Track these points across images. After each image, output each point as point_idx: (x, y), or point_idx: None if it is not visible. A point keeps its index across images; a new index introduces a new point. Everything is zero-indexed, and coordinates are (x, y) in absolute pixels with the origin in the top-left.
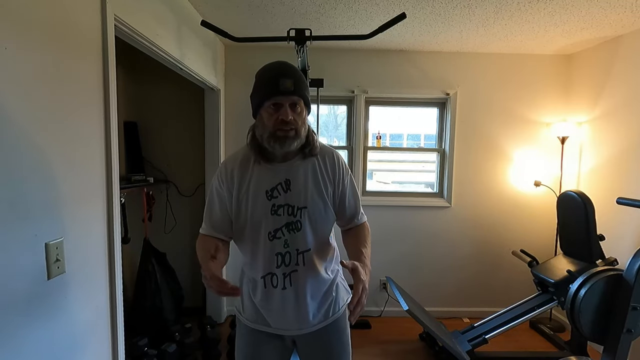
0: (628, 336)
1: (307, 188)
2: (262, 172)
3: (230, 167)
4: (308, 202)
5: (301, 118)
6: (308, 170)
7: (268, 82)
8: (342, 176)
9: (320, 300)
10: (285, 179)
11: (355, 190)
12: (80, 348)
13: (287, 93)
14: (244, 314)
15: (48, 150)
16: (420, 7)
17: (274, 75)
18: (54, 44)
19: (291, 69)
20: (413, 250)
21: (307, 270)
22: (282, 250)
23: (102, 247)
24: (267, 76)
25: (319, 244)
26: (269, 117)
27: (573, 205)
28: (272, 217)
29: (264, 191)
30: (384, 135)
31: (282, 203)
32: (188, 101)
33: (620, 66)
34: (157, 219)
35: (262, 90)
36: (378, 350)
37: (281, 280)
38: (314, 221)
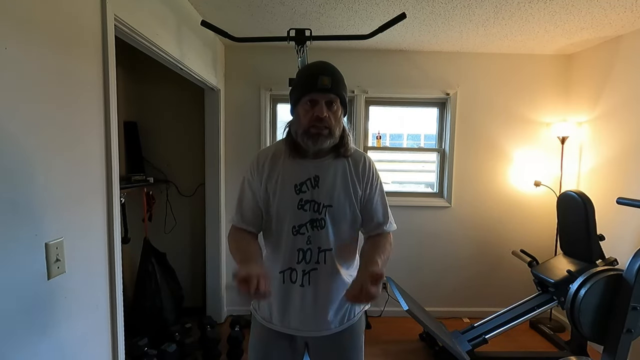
0: (628, 336)
1: (334, 187)
2: (293, 166)
3: (262, 159)
4: (334, 201)
5: (336, 117)
6: (338, 170)
7: (307, 79)
8: (371, 181)
9: (339, 304)
10: (314, 175)
11: (384, 197)
12: (81, 348)
13: (324, 90)
14: (260, 312)
15: (48, 150)
16: (420, 7)
17: (314, 72)
18: (54, 44)
19: (331, 68)
20: (413, 250)
21: (326, 270)
22: (304, 246)
23: (102, 247)
24: (306, 73)
25: (341, 245)
26: (305, 114)
27: (573, 205)
28: (298, 211)
29: (292, 185)
30: (384, 135)
31: (308, 198)
32: (188, 101)
33: (620, 66)
34: (157, 219)
35: (300, 86)
36: (378, 350)
37: (300, 276)
38: (338, 221)
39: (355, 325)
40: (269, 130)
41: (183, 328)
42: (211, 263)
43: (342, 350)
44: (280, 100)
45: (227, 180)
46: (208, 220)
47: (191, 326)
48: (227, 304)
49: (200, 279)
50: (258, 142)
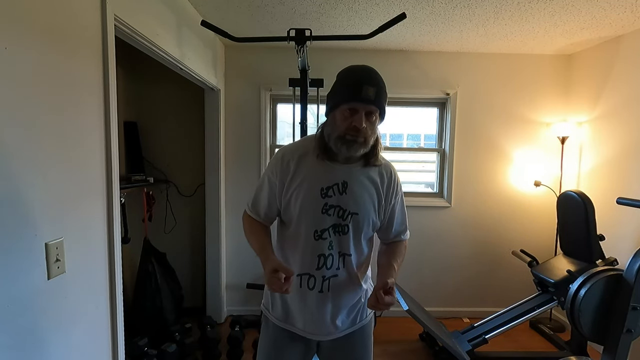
0: (628, 336)
1: (362, 195)
2: (320, 169)
3: (288, 158)
4: (360, 209)
5: (373, 127)
6: (367, 179)
7: (351, 86)
8: (395, 192)
9: (350, 308)
10: (343, 181)
11: (404, 208)
12: (81, 348)
13: (367, 101)
14: (273, 312)
15: (48, 150)
16: (420, 7)
17: (359, 80)
18: (54, 44)
19: (376, 77)
20: (413, 250)
21: (346, 276)
22: (326, 252)
23: (102, 247)
24: (351, 79)
25: (359, 252)
26: (343, 120)
27: (573, 205)
28: (321, 215)
29: (319, 188)
30: (384, 135)
31: (334, 204)
32: (188, 101)
33: (620, 66)
34: (157, 219)
35: (342, 93)
36: (378, 350)
37: (319, 283)
38: (360, 229)
39: (366, 326)
40: (269, 130)
41: (183, 328)
42: (211, 263)
43: (352, 351)
44: (280, 100)
45: (227, 180)
46: (208, 220)
47: (191, 326)
48: (227, 304)
49: (200, 279)
50: (258, 142)
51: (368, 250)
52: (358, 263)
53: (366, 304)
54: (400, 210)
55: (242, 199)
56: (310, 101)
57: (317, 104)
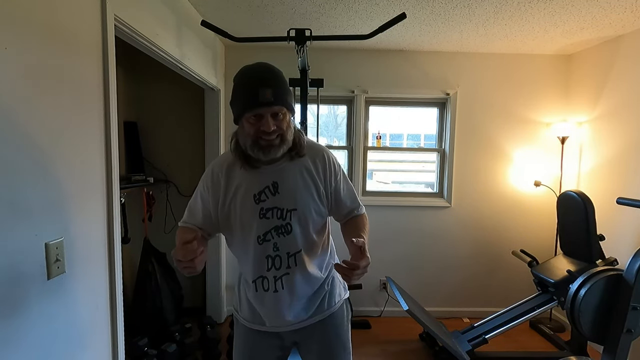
0: (628, 336)
1: (296, 190)
2: (249, 176)
3: (217, 171)
4: (297, 204)
5: (285, 123)
6: (296, 172)
7: (247, 93)
8: (333, 174)
9: (313, 296)
10: (272, 182)
11: (349, 185)
12: (81, 348)
13: (268, 104)
14: (241, 313)
15: (48, 150)
16: (420, 7)
17: (253, 85)
18: (54, 44)
19: (270, 75)
20: (413, 250)
21: (299, 271)
22: (272, 253)
23: (102, 247)
24: (245, 85)
25: (310, 243)
26: (250, 127)
27: (573, 205)
28: (260, 220)
29: (251, 195)
30: (384, 135)
31: (270, 206)
32: (188, 101)
33: (620, 66)
34: (157, 219)
35: (240, 101)
36: (378, 350)
37: (272, 283)
38: (305, 222)
39: (336, 314)
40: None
41: (183, 328)
42: (211, 263)
43: (323, 338)
44: None
45: None
46: None
47: (191, 326)
48: (227, 304)
49: (200, 279)
50: None
51: (320, 238)
52: (310, 253)
53: (333, 292)
54: (346, 189)
55: None
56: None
57: (317, 104)
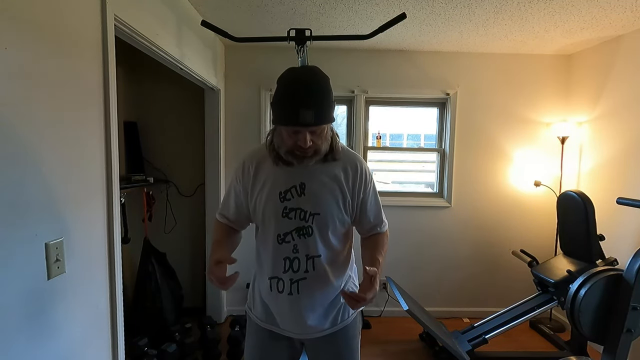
0: (628, 336)
1: (322, 194)
2: (278, 173)
3: (248, 164)
4: (321, 209)
5: (322, 138)
6: (326, 176)
7: (287, 109)
8: (362, 185)
9: (328, 307)
10: (300, 182)
11: (377, 199)
12: (81, 348)
13: (307, 125)
14: (254, 312)
15: (48, 150)
16: (420, 7)
17: (295, 104)
18: (53, 44)
19: (314, 92)
20: (413, 250)
21: (316, 278)
22: (291, 255)
23: (102, 247)
24: (287, 99)
25: (330, 251)
26: (288, 137)
27: (573, 205)
28: (282, 219)
29: (277, 192)
30: (384, 135)
31: (294, 206)
32: (188, 101)
33: (620, 66)
34: (157, 219)
35: (281, 114)
36: (378, 350)
37: (287, 286)
38: (326, 228)
39: (349, 326)
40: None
41: (183, 328)
42: None
43: (335, 351)
44: None
45: (227, 180)
46: (208, 220)
47: (191, 326)
48: (227, 304)
49: (200, 279)
50: (258, 142)
51: (342, 246)
52: (330, 261)
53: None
54: (374, 202)
55: None
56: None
57: None
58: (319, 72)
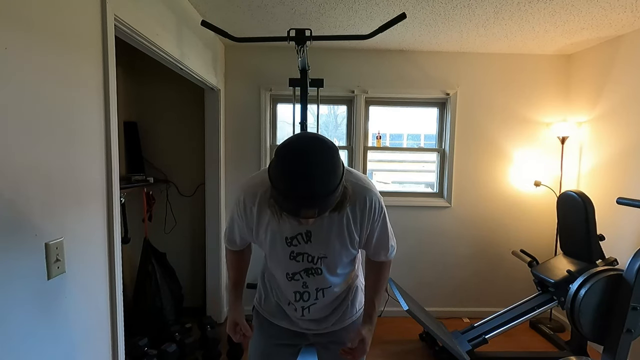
0: (628, 336)
1: (329, 240)
2: (283, 219)
3: (250, 204)
4: (329, 252)
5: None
6: (333, 223)
7: (287, 203)
8: (371, 220)
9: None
10: (306, 231)
11: (385, 230)
12: (81, 348)
13: (310, 217)
14: (264, 307)
15: (48, 150)
16: (420, 7)
17: (295, 203)
18: (53, 44)
19: (317, 186)
20: (413, 250)
21: (326, 299)
22: (301, 289)
23: (102, 247)
24: (287, 198)
25: (339, 278)
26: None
27: (573, 205)
28: (290, 261)
29: (283, 237)
30: (384, 135)
31: (301, 251)
32: (188, 101)
33: (620, 66)
34: (157, 219)
35: (280, 202)
36: (378, 350)
37: (300, 310)
38: (334, 267)
39: (357, 321)
40: (269, 130)
41: (183, 328)
42: (211, 263)
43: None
44: (280, 100)
45: (227, 180)
46: (208, 220)
47: (191, 326)
48: (227, 304)
49: (200, 279)
50: (258, 142)
51: (350, 268)
52: (340, 284)
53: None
54: (384, 232)
55: None
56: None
57: (317, 104)
58: (324, 149)
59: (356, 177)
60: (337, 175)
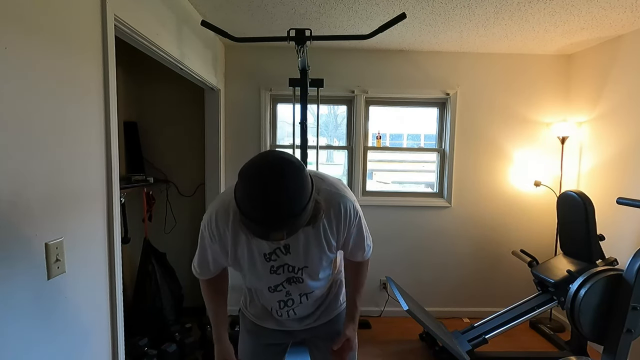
0: (628, 336)
1: (308, 250)
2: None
3: (222, 227)
4: (309, 262)
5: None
6: (310, 234)
7: (255, 229)
8: (348, 225)
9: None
10: (284, 244)
11: (361, 233)
12: (81, 348)
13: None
14: (250, 310)
15: (48, 150)
16: (420, 7)
17: (262, 229)
18: (53, 44)
19: (284, 210)
20: (413, 250)
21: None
22: (284, 297)
23: (102, 247)
24: (253, 224)
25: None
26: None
27: (573, 205)
28: (271, 275)
29: (261, 254)
30: (384, 135)
31: (281, 264)
32: (188, 101)
33: (620, 66)
34: (157, 219)
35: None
36: (378, 350)
37: (285, 313)
38: (316, 274)
39: (342, 314)
40: (269, 130)
41: (183, 328)
42: None
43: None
44: (280, 100)
45: (227, 180)
46: None
47: (191, 326)
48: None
49: None
50: (258, 142)
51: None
52: (322, 287)
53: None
54: (357, 236)
55: None
56: (310, 101)
57: (317, 104)
58: (289, 171)
59: (329, 184)
60: (304, 196)
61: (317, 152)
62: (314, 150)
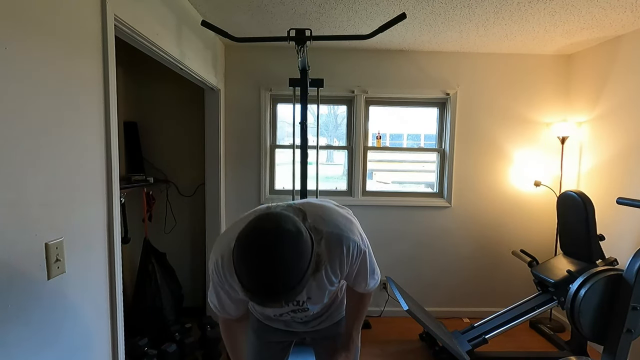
0: (628, 336)
1: (311, 291)
2: None
3: (227, 272)
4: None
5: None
6: (313, 279)
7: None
8: (351, 264)
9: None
10: None
11: (365, 266)
12: (81, 348)
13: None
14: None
15: (48, 150)
16: (420, 7)
17: (259, 298)
18: (53, 44)
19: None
20: (413, 250)
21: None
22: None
23: (102, 247)
24: (249, 290)
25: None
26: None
27: (573, 205)
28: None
29: None
30: (384, 135)
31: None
32: (188, 101)
33: (620, 66)
34: (157, 219)
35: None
36: (378, 350)
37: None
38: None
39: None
40: (269, 130)
41: (183, 328)
42: None
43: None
44: (280, 100)
45: (227, 180)
46: (208, 220)
47: (191, 326)
48: None
49: (200, 279)
50: (258, 142)
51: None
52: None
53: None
54: (361, 269)
55: (243, 199)
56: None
57: (317, 104)
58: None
59: (332, 225)
60: (301, 266)
61: (317, 152)
62: (314, 150)
